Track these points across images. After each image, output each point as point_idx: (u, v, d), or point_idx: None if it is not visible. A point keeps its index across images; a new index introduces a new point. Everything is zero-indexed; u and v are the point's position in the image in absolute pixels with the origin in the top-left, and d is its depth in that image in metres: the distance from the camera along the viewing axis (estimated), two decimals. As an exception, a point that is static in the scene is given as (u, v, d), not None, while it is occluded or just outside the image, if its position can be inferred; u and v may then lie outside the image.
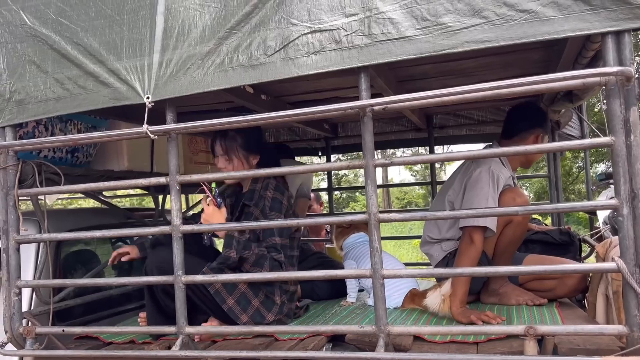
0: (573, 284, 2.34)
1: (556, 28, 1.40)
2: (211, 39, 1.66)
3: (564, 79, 1.39)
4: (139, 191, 5.21)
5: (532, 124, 2.44)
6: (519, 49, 2.18)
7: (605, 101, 1.40)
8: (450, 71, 2.54)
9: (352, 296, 2.64)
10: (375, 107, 1.54)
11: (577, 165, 18.46)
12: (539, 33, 1.42)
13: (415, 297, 2.42)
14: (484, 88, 1.43)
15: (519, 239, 2.42)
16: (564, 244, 2.89)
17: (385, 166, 1.64)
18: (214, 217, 2.07)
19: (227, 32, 1.65)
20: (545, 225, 3.28)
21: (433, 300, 2.16)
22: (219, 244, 2.24)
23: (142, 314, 2.37)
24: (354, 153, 4.69)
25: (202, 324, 2.14)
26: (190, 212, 3.50)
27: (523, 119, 2.47)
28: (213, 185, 2.21)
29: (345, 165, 1.68)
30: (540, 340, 1.59)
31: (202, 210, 2.14)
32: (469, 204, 2.32)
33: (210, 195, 2.09)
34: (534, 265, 2.40)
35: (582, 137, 3.41)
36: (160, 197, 3.47)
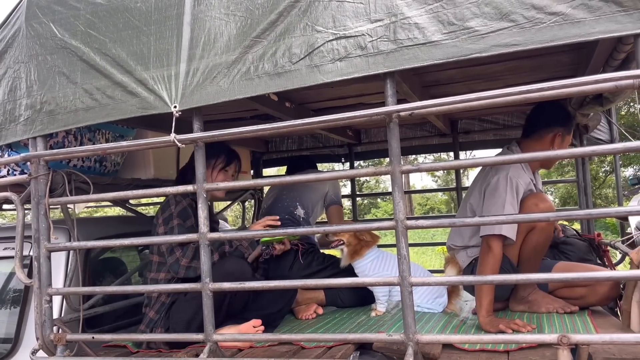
0: (605, 291, 2.28)
1: (587, 30, 1.38)
2: (237, 48, 1.67)
3: (596, 81, 1.37)
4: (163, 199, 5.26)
5: (550, 122, 2.35)
6: (547, 52, 2.15)
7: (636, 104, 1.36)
8: (476, 75, 2.52)
9: (382, 305, 2.58)
10: (402, 113, 1.53)
11: (603, 169, 18.10)
12: (569, 35, 1.39)
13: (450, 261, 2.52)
14: (512, 92, 1.41)
15: (544, 245, 2.37)
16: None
17: (412, 172, 1.62)
18: None
19: (252, 40, 1.65)
20: (574, 229, 3.21)
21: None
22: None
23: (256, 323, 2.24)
24: (376, 159, 4.66)
25: (220, 330, 2.15)
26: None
27: (541, 117, 2.38)
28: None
29: (372, 171, 1.66)
30: (574, 349, 1.55)
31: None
32: (487, 211, 2.28)
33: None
34: (565, 272, 2.35)
35: (612, 141, 3.33)
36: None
